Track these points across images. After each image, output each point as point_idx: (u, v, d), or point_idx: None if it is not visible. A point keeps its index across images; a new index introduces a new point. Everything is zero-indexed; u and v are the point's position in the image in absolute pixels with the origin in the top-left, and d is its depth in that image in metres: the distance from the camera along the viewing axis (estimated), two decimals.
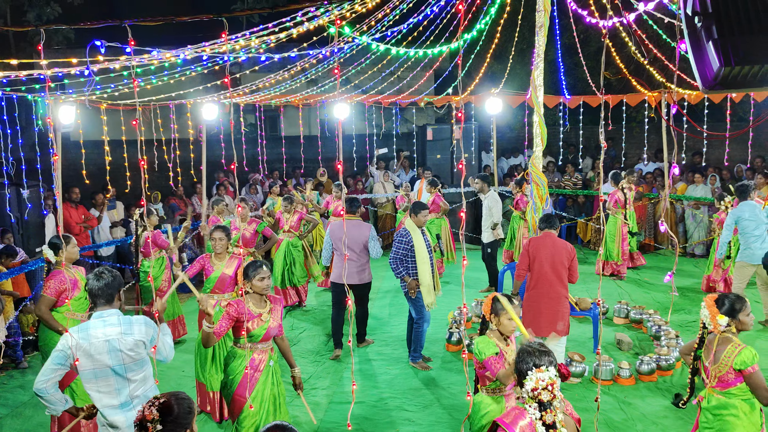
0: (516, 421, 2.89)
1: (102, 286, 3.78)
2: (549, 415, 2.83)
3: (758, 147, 12.78)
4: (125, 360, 3.68)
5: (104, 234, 10.32)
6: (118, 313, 3.81)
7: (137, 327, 3.76)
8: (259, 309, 4.56)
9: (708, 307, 4.02)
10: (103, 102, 9.36)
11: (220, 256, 6.12)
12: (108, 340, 3.65)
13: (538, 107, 7.43)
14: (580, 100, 12.22)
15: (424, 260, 6.75)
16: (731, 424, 3.90)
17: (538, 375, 2.87)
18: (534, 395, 2.86)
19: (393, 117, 14.09)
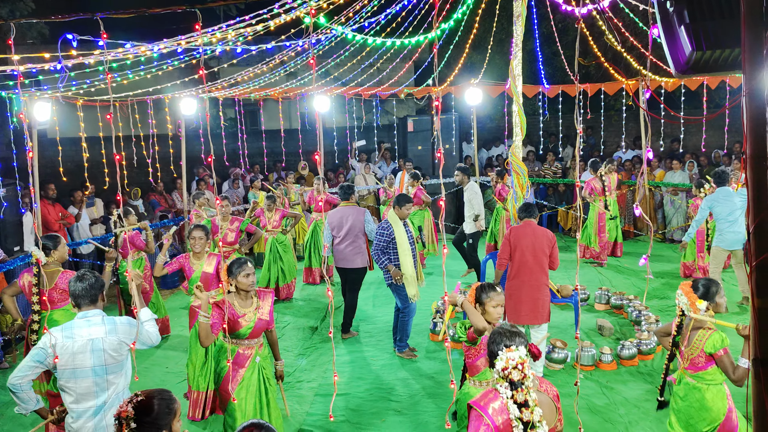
0: (489, 403, 2.91)
1: (85, 287, 3.78)
2: (520, 394, 2.84)
3: (735, 132, 12.94)
4: (107, 360, 3.67)
5: (84, 232, 10.20)
6: (102, 314, 3.80)
7: (121, 327, 3.76)
8: (245, 308, 4.54)
9: (686, 294, 4.09)
10: (79, 98, 9.23)
11: (198, 255, 6.09)
12: (91, 339, 3.64)
13: (517, 97, 7.45)
14: (559, 90, 12.28)
15: (406, 252, 6.78)
16: (698, 407, 4.01)
17: (508, 354, 2.90)
18: (505, 375, 2.88)
19: (373, 109, 14.06)
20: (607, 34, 9.44)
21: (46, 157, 11.93)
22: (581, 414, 5.45)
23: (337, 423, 5.59)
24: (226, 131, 12.91)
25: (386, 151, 15.02)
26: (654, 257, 10.78)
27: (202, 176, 12.61)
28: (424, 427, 5.45)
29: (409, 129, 14.70)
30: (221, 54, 9.98)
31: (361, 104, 14.14)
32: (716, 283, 4.10)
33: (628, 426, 5.34)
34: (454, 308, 4.38)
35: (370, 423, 5.60)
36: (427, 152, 14.63)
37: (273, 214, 9.33)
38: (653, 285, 9.24)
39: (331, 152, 14.38)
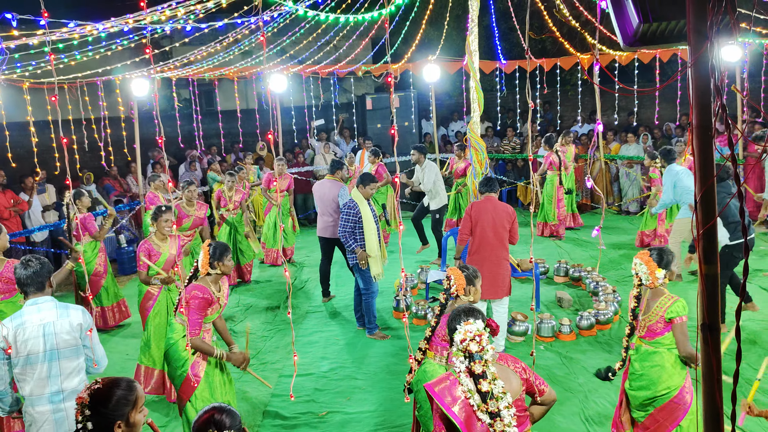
0: (445, 391, 2.88)
1: (30, 275, 3.69)
2: (477, 366, 2.85)
3: (686, 105, 13.20)
4: (59, 345, 3.61)
5: (36, 219, 9.92)
6: (53, 300, 3.74)
7: (74, 311, 3.72)
8: (218, 293, 4.57)
9: (646, 263, 4.12)
10: (24, 80, 8.91)
11: (162, 237, 5.98)
12: (43, 324, 3.59)
13: (474, 73, 7.47)
14: (516, 65, 12.34)
15: (371, 231, 6.76)
16: (657, 372, 4.07)
17: (465, 327, 2.93)
18: (463, 347, 2.90)
19: (331, 87, 13.92)
20: (559, 7, 9.49)
21: None
22: None
23: (301, 403, 5.60)
24: (180, 112, 12.62)
25: (345, 128, 14.93)
26: (610, 229, 11.01)
27: (157, 159, 12.35)
28: (389, 403, 5.50)
29: (367, 107, 14.63)
30: (172, 32, 9.72)
31: (318, 83, 13.96)
32: (670, 252, 4.18)
33: (587, 394, 5.47)
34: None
35: (335, 401, 5.62)
36: (386, 130, 14.59)
37: (234, 194, 9.20)
38: (610, 256, 9.45)
39: (290, 132, 14.22)
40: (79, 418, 2.48)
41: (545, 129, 14.78)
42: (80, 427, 2.47)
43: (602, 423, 5.01)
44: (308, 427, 5.20)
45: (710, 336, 1.86)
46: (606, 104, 13.98)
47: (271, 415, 5.41)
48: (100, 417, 2.51)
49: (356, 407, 5.50)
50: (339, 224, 6.87)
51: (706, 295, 1.86)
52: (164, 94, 12.38)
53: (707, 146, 1.88)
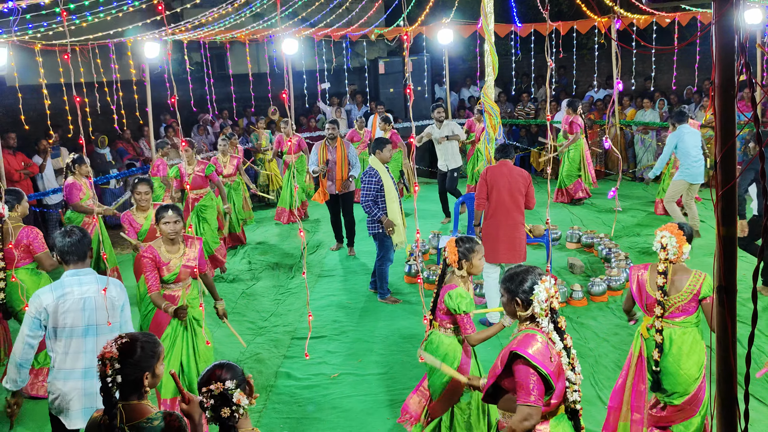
0: (535, 351, 2.81)
1: (74, 242, 3.65)
2: (562, 320, 2.89)
3: (705, 70, 12.97)
4: (99, 321, 3.58)
5: (49, 182, 9.97)
6: (93, 272, 3.70)
7: (114, 288, 3.67)
8: (171, 254, 4.62)
9: (677, 236, 3.83)
10: (36, 42, 8.85)
11: (143, 208, 5.93)
12: (84, 298, 3.55)
13: (489, 36, 7.35)
14: (531, 28, 12.13)
15: (393, 199, 6.72)
16: (687, 352, 3.86)
17: (545, 285, 2.87)
18: (548, 305, 2.86)
19: (343, 51, 13.76)
20: None
21: (6, 105, 11.54)
22: None
23: (314, 365, 5.67)
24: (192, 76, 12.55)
25: (357, 93, 14.79)
26: (624, 196, 10.93)
27: (169, 123, 12.33)
28: (400, 366, 5.56)
29: (380, 71, 14.46)
30: None
31: (330, 46, 13.81)
32: (690, 226, 4.03)
33: (598, 359, 5.50)
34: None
35: (346, 363, 5.69)
36: (399, 95, 14.45)
37: (228, 159, 9.15)
38: (624, 223, 9.39)
39: (301, 96, 14.11)
40: (109, 372, 2.51)
41: (559, 95, 14.57)
42: (110, 381, 2.51)
43: (611, 387, 5.03)
44: (320, 388, 5.28)
45: (726, 298, 1.85)
46: (623, 69, 13.73)
47: (284, 376, 5.49)
48: (129, 369, 2.57)
49: (368, 369, 5.56)
50: (360, 193, 6.80)
51: (723, 258, 1.84)
52: (176, 57, 12.29)
53: (729, 105, 1.84)
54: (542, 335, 2.86)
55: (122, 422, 2.53)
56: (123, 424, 2.53)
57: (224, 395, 2.40)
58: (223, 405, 2.40)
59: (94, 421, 2.62)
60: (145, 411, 2.60)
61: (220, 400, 2.41)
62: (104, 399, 2.53)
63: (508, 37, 12.73)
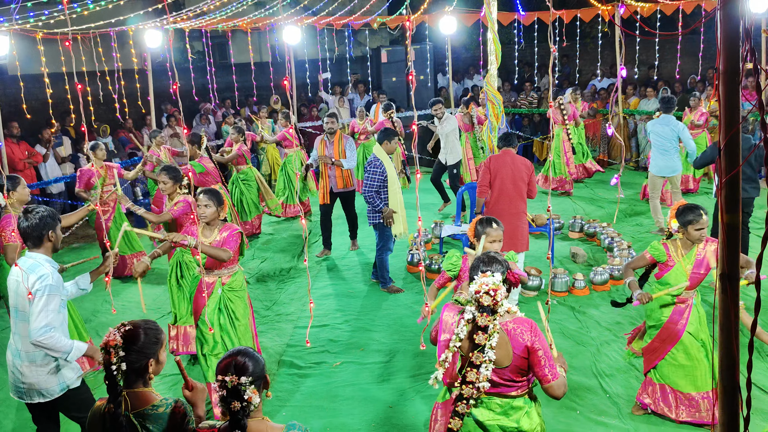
0: (449, 309, 3.07)
1: (27, 227, 3.57)
2: (483, 318, 2.83)
3: (709, 59, 12.89)
4: (19, 305, 3.61)
5: (52, 171, 9.98)
6: (38, 257, 3.59)
7: (32, 276, 3.53)
8: (204, 237, 4.62)
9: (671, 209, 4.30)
10: (38, 31, 8.84)
11: (171, 197, 5.85)
12: (15, 280, 3.59)
13: (492, 24, 7.32)
14: (535, 17, 12.06)
15: (396, 190, 6.70)
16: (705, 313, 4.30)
17: (482, 279, 2.87)
18: (476, 297, 2.86)
19: (346, 40, 13.71)
20: None
21: (8, 94, 11.54)
22: (555, 338, 5.59)
23: (316, 353, 5.68)
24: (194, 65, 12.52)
25: (360, 82, 14.74)
26: (627, 185, 10.90)
27: (171, 112, 12.32)
28: (402, 354, 5.57)
29: (382, 60, 14.41)
30: None
31: (333, 35, 13.75)
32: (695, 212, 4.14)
33: (599, 347, 5.50)
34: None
35: (348, 352, 5.70)
36: (401, 84, 14.40)
37: (234, 146, 9.16)
38: (626, 212, 9.38)
39: (304, 85, 14.07)
40: (113, 360, 2.51)
41: (562, 83, 14.51)
42: (114, 369, 2.52)
43: (613, 376, 5.05)
44: (323, 377, 5.29)
45: (729, 285, 1.84)
46: (627, 58, 13.67)
47: (287, 365, 5.51)
48: (134, 356, 2.57)
49: (370, 358, 5.58)
50: (363, 183, 6.78)
51: (727, 245, 1.84)
52: (177, 46, 12.27)
53: (733, 93, 1.82)
54: (459, 314, 2.98)
55: (127, 410, 2.53)
56: (128, 411, 2.53)
57: (236, 390, 2.35)
58: (234, 399, 2.36)
59: (97, 410, 2.61)
60: (150, 398, 2.60)
61: (231, 393, 2.36)
62: (108, 387, 2.53)
63: (511, 26, 12.65)
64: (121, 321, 2.67)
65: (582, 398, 4.79)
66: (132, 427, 2.51)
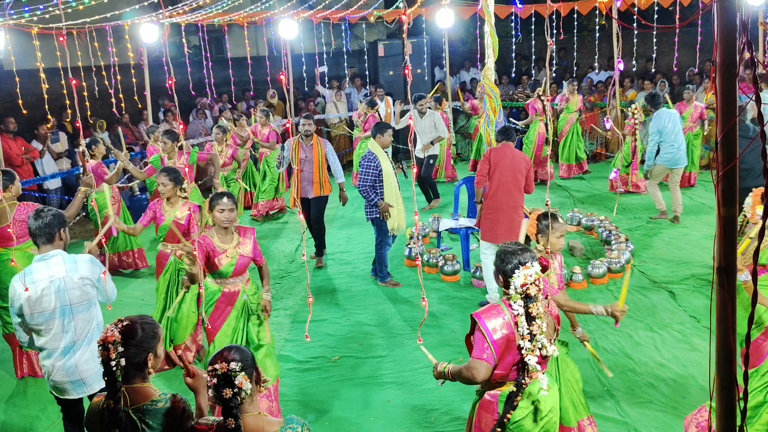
0: (490, 318, 3.00)
1: (40, 226, 3.63)
2: (535, 308, 2.94)
3: (707, 51, 12.90)
4: (72, 300, 3.61)
5: (48, 167, 9.95)
6: (61, 253, 3.69)
7: (82, 265, 3.67)
8: (225, 244, 4.37)
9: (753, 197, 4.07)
10: (33, 26, 8.80)
11: (171, 200, 5.51)
12: (53, 281, 3.57)
13: (489, 17, 7.28)
14: (532, 10, 12.04)
15: (391, 184, 6.69)
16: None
17: (525, 272, 2.95)
18: (523, 291, 2.94)
19: (342, 34, 13.66)
20: None
21: (3, 90, 11.47)
22: None
23: (315, 347, 5.69)
24: (190, 59, 12.48)
25: (357, 76, 14.71)
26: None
27: (168, 107, 12.28)
28: (400, 348, 5.58)
29: (379, 54, 14.38)
30: None
31: (329, 29, 13.70)
32: None
33: (596, 341, 5.51)
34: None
35: (347, 346, 5.71)
36: (398, 77, 14.37)
37: (224, 148, 8.96)
38: (624, 205, 9.38)
39: (301, 79, 14.03)
40: (113, 356, 2.52)
41: (561, 76, 14.49)
42: (114, 365, 2.52)
43: (610, 369, 5.05)
44: (321, 371, 5.30)
45: (726, 279, 1.84)
46: (624, 50, 13.64)
47: (285, 359, 5.51)
48: (133, 350, 2.59)
49: (368, 352, 5.58)
50: (358, 178, 6.77)
51: (723, 238, 1.84)
52: (173, 40, 12.22)
53: (731, 85, 1.82)
54: (508, 312, 3.00)
55: (126, 405, 2.54)
56: (127, 407, 2.54)
57: (227, 376, 2.41)
58: (225, 386, 2.41)
59: (95, 406, 2.62)
60: (148, 393, 2.61)
61: (223, 380, 2.41)
62: (107, 383, 2.53)
63: (509, 19, 12.64)
64: (117, 317, 2.67)
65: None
66: (131, 423, 2.52)
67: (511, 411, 3.00)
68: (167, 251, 5.54)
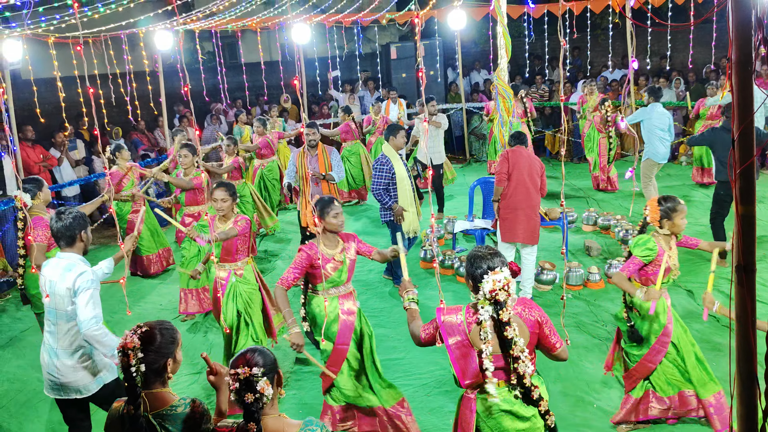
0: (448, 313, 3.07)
1: (61, 227, 3.70)
2: (505, 314, 2.88)
3: (722, 48, 12.75)
4: (58, 305, 3.69)
5: (66, 174, 10.06)
6: (75, 257, 3.72)
7: (70, 275, 3.65)
8: (332, 251, 4.33)
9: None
10: (49, 35, 8.91)
11: (225, 218, 5.06)
12: (50, 281, 3.69)
13: (502, 18, 7.28)
14: (545, 9, 11.99)
15: (404, 187, 6.68)
16: None
17: (494, 277, 2.89)
18: (491, 296, 2.88)
19: (355, 37, 13.70)
20: None
21: (21, 99, 11.61)
22: (569, 332, 5.56)
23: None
24: (204, 65, 12.59)
25: (370, 79, 14.73)
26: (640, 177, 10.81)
27: (183, 113, 12.38)
28: (418, 351, 5.56)
29: (392, 56, 14.39)
30: None
31: (342, 32, 13.75)
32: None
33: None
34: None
35: None
36: (411, 79, 14.38)
37: (230, 158, 8.42)
38: (641, 204, 9.30)
39: (314, 83, 14.08)
40: (132, 362, 2.54)
41: (575, 75, 14.42)
42: (134, 371, 2.54)
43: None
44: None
45: (745, 277, 1.83)
46: (638, 48, 13.56)
47: (303, 362, 5.52)
48: (153, 356, 2.60)
49: (384, 354, 5.58)
50: (372, 181, 6.76)
51: (742, 236, 1.82)
52: (188, 47, 12.32)
53: (746, 82, 1.80)
54: (464, 315, 3.03)
55: (146, 411, 2.55)
56: (147, 412, 2.55)
57: (249, 381, 2.41)
58: (247, 390, 2.41)
59: (115, 411, 2.64)
60: (168, 399, 2.63)
61: (245, 385, 2.42)
62: (127, 389, 2.55)
63: (521, 19, 12.59)
64: (136, 323, 2.69)
65: (598, 392, 4.77)
66: (151, 428, 2.53)
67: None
68: (224, 274, 5.00)
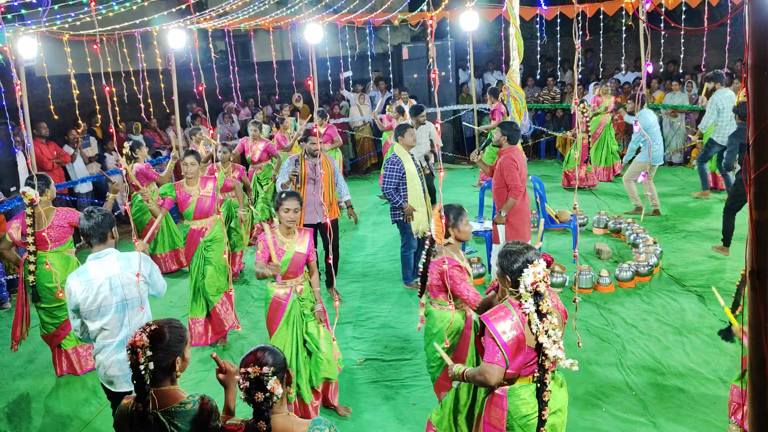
0: (498, 321, 3.01)
1: (93, 225, 3.77)
2: (544, 305, 2.95)
3: (736, 51, 12.69)
4: (127, 296, 3.76)
5: (80, 171, 10.14)
6: (115, 251, 3.84)
7: (136, 262, 3.82)
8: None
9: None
10: (64, 33, 8.98)
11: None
12: (109, 278, 3.71)
13: (514, 19, 7.28)
14: (557, 11, 11.96)
15: (415, 186, 6.67)
16: None
17: (533, 269, 2.95)
18: (533, 289, 2.95)
19: (367, 37, 13.71)
20: None
21: (35, 95, 11.71)
22: (580, 336, 5.55)
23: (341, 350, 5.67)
24: (217, 64, 12.64)
25: (381, 79, 14.73)
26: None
27: (196, 111, 12.44)
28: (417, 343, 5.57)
29: (404, 57, 14.39)
30: None
31: (354, 32, 13.75)
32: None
33: (625, 345, 5.45)
34: None
35: (372, 349, 5.73)
36: (423, 80, 14.37)
37: (230, 169, 7.81)
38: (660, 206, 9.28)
39: (325, 83, 14.11)
40: (141, 360, 2.56)
41: (587, 78, 14.36)
42: (142, 369, 2.56)
43: (639, 373, 5.00)
44: (348, 373, 5.31)
45: (759, 283, 1.82)
46: (651, 51, 13.47)
47: None
48: (161, 354, 2.63)
49: (393, 355, 5.59)
50: (382, 181, 6.75)
51: (756, 242, 1.81)
52: (200, 45, 12.37)
53: (762, 87, 1.80)
54: (516, 312, 3.00)
55: (155, 408, 2.57)
56: (155, 409, 2.57)
57: (259, 380, 2.43)
58: (257, 389, 2.43)
59: (124, 408, 2.66)
60: (177, 396, 2.65)
61: (255, 384, 2.44)
62: (136, 386, 2.57)
63: (534, 21, 12.56)
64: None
65: (608, 395, 4.75)
66: (160, 425, 2.55)
67: (546, 408, 3.03)
68: (286, 290, 4.56)
